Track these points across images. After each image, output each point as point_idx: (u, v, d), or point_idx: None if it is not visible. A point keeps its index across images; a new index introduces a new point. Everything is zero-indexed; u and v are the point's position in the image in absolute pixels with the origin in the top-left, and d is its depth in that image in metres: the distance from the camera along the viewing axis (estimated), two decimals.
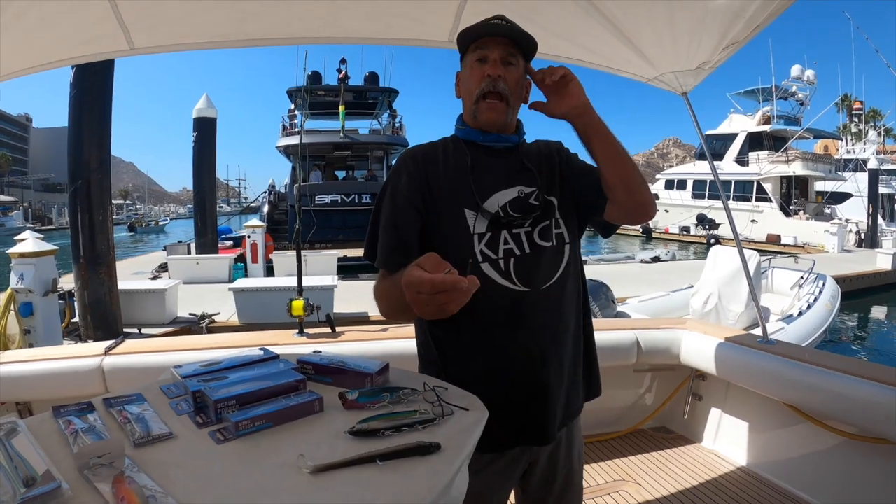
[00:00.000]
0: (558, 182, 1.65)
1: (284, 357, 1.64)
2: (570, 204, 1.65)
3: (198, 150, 15.81)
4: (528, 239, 1.57)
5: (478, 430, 1.19)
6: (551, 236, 1.59)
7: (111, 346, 3.19)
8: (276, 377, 1.37)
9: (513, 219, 1.55)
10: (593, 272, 13.51)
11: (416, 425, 1.13)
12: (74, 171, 7.75)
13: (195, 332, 8.54)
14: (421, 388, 1.32)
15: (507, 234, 1.55)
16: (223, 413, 1.23)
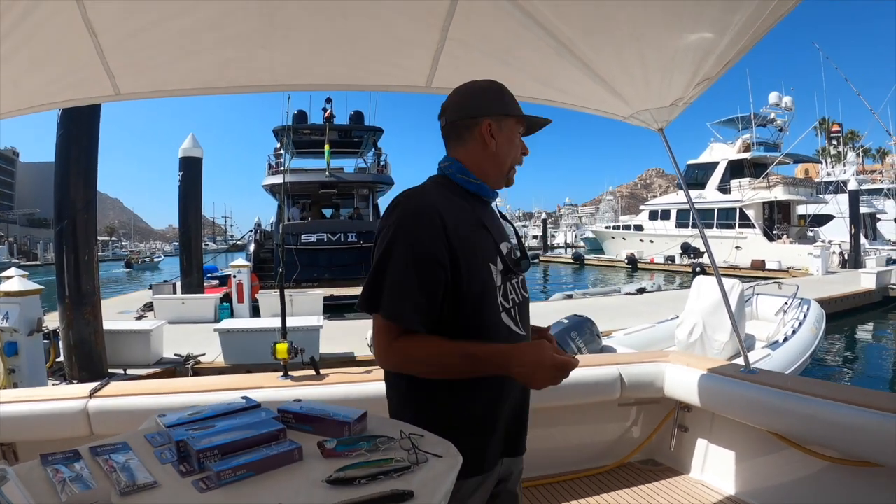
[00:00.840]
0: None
1: (268, 402, 1.67)
2: None
3: (183, 190, 15.74)
4: (522, 287, 1.74)
5: (452, 475, 1.23)
6: (527, 285, 1.79)
7: (96, 388, 3.18)
8: (257, 426, 1.40)
9: (516, 269, 1.70)
10: (579, 306, 13.53)
11: (392, 473, 1.17)
12: (60, 210, 7.72)
13: (180, 373, 8.49)
14: (397, 435, 1.36)
15: (509, 285, 1.67)
16: (206, 462, 1.25)
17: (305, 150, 27.46)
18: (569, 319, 5.91)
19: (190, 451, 1.29)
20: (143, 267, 59.91)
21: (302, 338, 7.95)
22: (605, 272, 35.66)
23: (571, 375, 2.17)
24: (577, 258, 41.71)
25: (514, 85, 1.75)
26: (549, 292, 25.60)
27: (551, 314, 11.80)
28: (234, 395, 3.16)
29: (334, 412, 1.50)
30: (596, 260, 40.27)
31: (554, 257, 47.30)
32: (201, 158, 15.98)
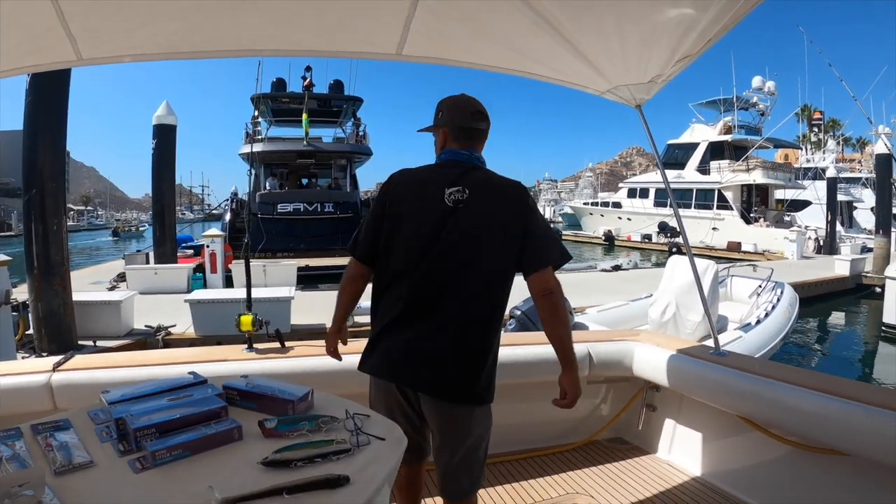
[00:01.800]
0: None
1: (229, 375, 1.64)
2: None
3: (157, 158, 15.33)
4: None
5: (394, 459, 1.19)
6: None
7: (60, 361, 3.12)
8: (199, 403, 1.35)
9: None
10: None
11: (330, 456, 1.12)
12: (29, 179, 7.56)
13: (151, 344, 8.39)
14: (342, 415, 1.32)
15: None
16: (142, 441, 1.21)
17: (284, 118, 27.05)
18: None
19: (128, 430, 1.25)
20: (130, 235, 60.38)
21: (272, 309, 7.87)
22: (581, 248, 35.68)
23: (538, 351, 3.07)
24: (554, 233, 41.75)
25: (489, 55, 1.69)
26: None
27: (524, 289, 11.84)
28: (199, 367, 3.10)
29: (280, 389, 1.45)
30: (573, 236, 40.20)
31: None
32: (175, 126, 15.57)
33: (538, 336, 4.01)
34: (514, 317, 5.74)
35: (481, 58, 3.05)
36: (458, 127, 2.24)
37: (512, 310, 5.78)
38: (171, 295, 12.04)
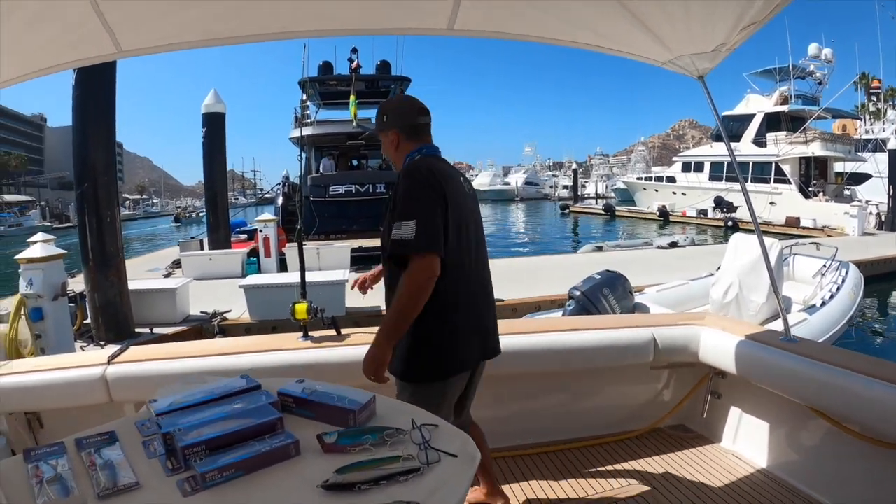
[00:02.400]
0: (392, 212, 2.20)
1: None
2: None
3: (208, 146, 15.55)
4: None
5: (466, 480, 1.07)
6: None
7: (115, 353, 3.14)
8: (253, 414, 1.26)
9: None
10: (609, 259, 13.26)
11: (398, 477, 1.01)
12: (81, 173, 7.63)
13: (207, 330, 8.49)
14: (408, 425, 1.20)
15: None
16: (192, 460, 1.11)
17: (332, 101, 26.77)
18: (601, 275, 5.67)
19: (176, 447, 1.16)
20: (190, 221, 61.53)
21: (326, 293, 7.94)
22: (635, 224, 35.05)
23: (599, 337, 3.16)
24: (608, 209, 40.81)
25: (544, 27, 1.55)
26: (579, 244, 25.22)
27: (582, 267, 11.61)
28: (254, 358, 3.10)
29: (340, 396, 1.35)
30: (627, 211, 39.33)
31: (584, 208, 46.38)
32: (224, 114, 15.76)
33: (597, 320, 3.86)
34: (573, 297, 5.53)
35: (535, 29, 2.90)
36: (410, 126, 2.40)
37: (571, 290, 5.60)
38: (226, 280, 12.10)
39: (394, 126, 2.40)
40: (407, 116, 2.40)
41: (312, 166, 23.79)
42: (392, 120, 2.41)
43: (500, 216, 53.18)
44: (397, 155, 2.41)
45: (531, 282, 10.29)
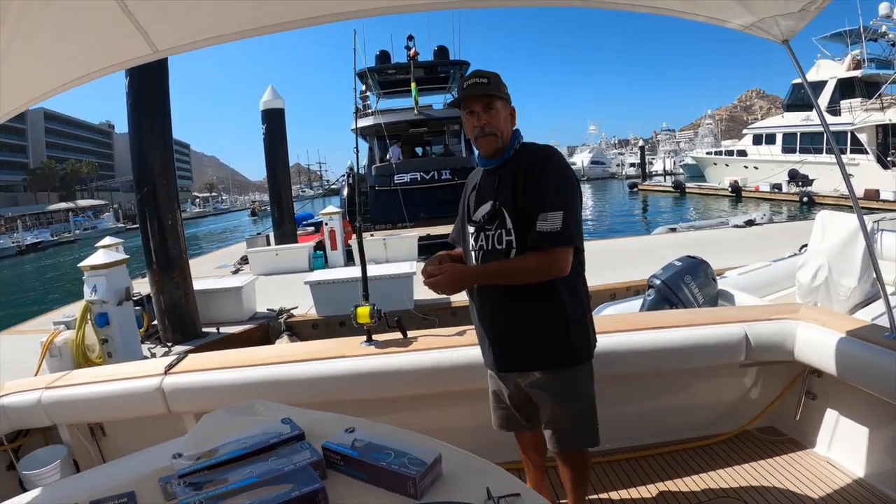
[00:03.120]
0: (523, 197, 2.16)
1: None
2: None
3: (269, 142, 15.67)
4: (492, 240, 2.22)
5: None
6: (502, 241, 2.19)
7: (172, 363, 3.15)
8: (292, 477, 1.05)
9: (487, 225, 2.23)
10: (684, 241, 12.71)
11: None
12: (140, 177, 7.63)
13: (273, 328, 8.44)
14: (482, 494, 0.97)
15: (483, 235, 2.25)
16: None
17: (392, 90, 26.82)
18: (681, 261, 5.29)
19: None
20: (266, 214, 62.27)
21: (394, 287, 7.83)
22: (707, 201, 33.88)
23: (683, 335, 2.92)
24: (678, 186, 39.46)
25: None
26: (650, 224, 24.49)
27: (656, 250, 11.27)
28: (313, 366, 3.03)
29: (398, 451, 1.12)
30: (697, 188, 37.98)
31: (653, 186, 45.17)
32: (283, 109, 15.83)
33: (682, 316, 3.54)
34: (653, 286, 5.18)
35: None
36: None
37: (650, 278, 5.25)
38: (293, 275, 12.05)
39: (510, 100, 2.31)
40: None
41: (377, 156, 23.73)
42: (508, 95, 2.30)
43: None
44: (509, 131, 2.29)
45: (604, 267, 9.80)
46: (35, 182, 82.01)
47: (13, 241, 48.11)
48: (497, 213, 2.19)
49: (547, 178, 2.12)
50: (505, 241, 2.18)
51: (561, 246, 2.09)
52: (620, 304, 6.00)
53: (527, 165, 2.17)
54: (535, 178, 2.13)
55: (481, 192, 2.31)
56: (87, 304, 6.68)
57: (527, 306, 2.20)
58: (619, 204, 41.88)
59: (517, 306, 2.21)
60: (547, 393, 2.27)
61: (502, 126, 2.23)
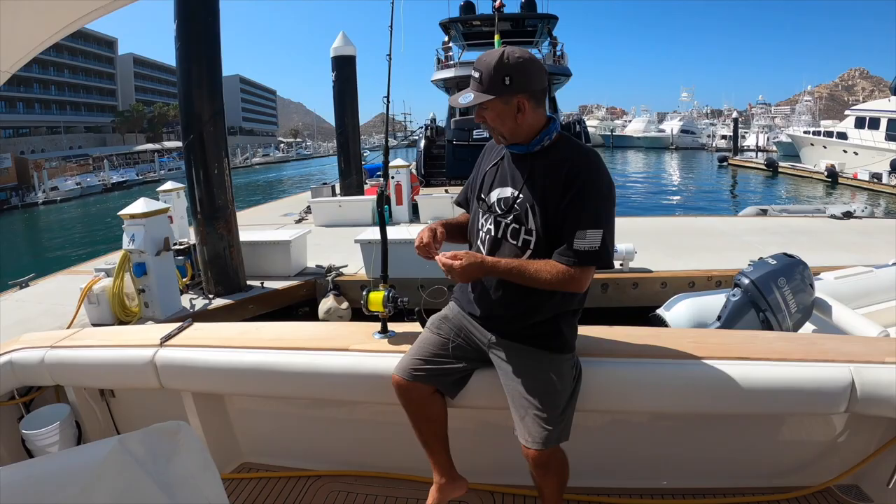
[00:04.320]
0: (557, 203, 1.99)
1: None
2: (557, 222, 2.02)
3: (338, 89, 15.31)
4: (505, 230, 2.12)
5: None
6: (518, 238, 2.10)
7: (169, 334, 2.89)
8: None
9: (500, 211, 2.13)
10: (774, 226, 11.48)
11: None
12: (187, 124, 7.38)
13: (320, 286, 8.14)
14: None
15: (494, 220, 2.16)
16: None
17: (475, 42, 25.96)
18: (776, 260, 4.46)
19: None
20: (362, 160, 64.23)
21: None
22: (799, 184, 31.82)
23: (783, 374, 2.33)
24: (770, 165, 37.25)
25: None
26: (739, 203, 23.04)
27: (742, 233, 10.32)
28: (314, 358, 2.61)
29: None
30: (791, 168, 35.64)
31: (744, 161, 42.75)
32: (354, 56, 15.44)
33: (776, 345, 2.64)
34: (740, 285, 4.42)
35: None
36: (541, 90, 2.08)
37: (738, 276, 4.48)
38: (356, 228, 11.52)
39: (522, 91, 2.00)
40: (537, 78, 2.03)
41: (456, 110, 23.08)
42: (520, 82, 1.99)
43: (653, 166, 50.84)
44: (518, 126, 2.05)
45: (682, 249, 9.02)
46: (123, 124, 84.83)
47: (100, 179, 49.83)
48: (517, 206, 2.08)
49: (590, 190, 1.97)
50: (522, 239, 2.09)
51: (592, 266, 1.99)
52: (699, 297, 5.21)
53: (570, 168, 1.99)
54: (578, 187, 1.97)
55: (503, 174, 2.17)
56: (126, 253, 6.56)
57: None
58: (705, 177, 40.10)
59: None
60: (529, 370, 2.17)
61: (503, 124, 2.06)
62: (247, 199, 29.83)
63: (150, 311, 6.69)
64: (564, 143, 2.09)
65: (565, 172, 1.97)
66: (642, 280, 7.69)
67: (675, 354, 2.42)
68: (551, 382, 2.13)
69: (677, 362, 2.38)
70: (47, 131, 73.27)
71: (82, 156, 63.00)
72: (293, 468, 2.97)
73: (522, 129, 2.06)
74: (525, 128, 2.05)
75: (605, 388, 2.34)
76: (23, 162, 46.96)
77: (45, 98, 74.02)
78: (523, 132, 2.06)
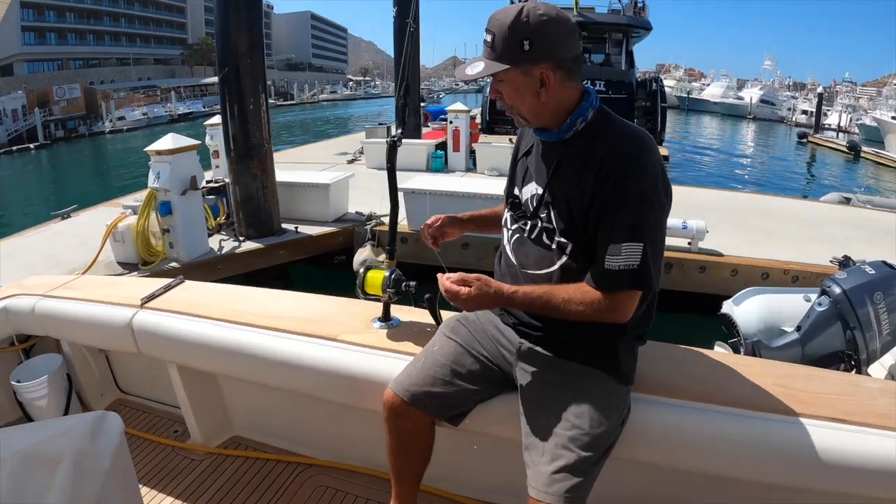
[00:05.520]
0: (580, 203, 1.56)
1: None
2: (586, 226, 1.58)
3: (398, 27, 14.42)
4: (538, 230, 1.68)
5: None
6: (552, 239, 1.65)
7: (152, 294, 2.63)
8: None
9: (528, 211, 1.72)
10: (861, 219, 9.83)
11: None
12: (223, 56, 6.94)
13: (358, 234, 7.72)
14: None
15: (523, 219, 1.74)
16: None
17: None
18: (874, 269, 3.69)
19: None
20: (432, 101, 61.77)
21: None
22: (881, 172, 29.22)
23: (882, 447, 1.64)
24: (853, 148, 34.31)
25: None
26: (817, 188, 21.46)
27: (822, 223, 8.96)
28: (300, 347, 2.21)
29: None
30: (874, 155, 32.53)
31: (824, 140, 39.61)
32: None
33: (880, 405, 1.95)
34: (828, 293, 3.71)
35: None
36: (573, 58, 1.56)
37: (827, 282, 3.78)
38: (409, 173, 11.03)
39: (546, 59, 1.53)
40: (566, 43, 1.54)
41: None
42: (543, 48, 1.51)
43: (728, 134, 48.67)
44: (542, 105, 1.58)
45: (755, 230, 8.07)
46: (192, 57, 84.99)
47: (166, 110, 50.67)
48: (543, 208, 1.67)
49: (629, 191, 1.49)
50: (556, 242, 1.64)
51: (633, 290, 1.53)
52: (773, 294, 4.46)
53: (604, 159, 1.52)
54: (613, 185, 1.50)
55: (538, 165, 1.71)
56: (152, 191, 6.25)
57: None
58: (782, 152, 37.96)
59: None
60: (565, 394, 1.64)
61: (523, 102, 1.60)
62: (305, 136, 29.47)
63: (175, 252, 6.40)
64: (603, 123, 1.60)
65: (598, 165, 1.51)
66: (711, 264, 6.88)
67: (753, 403, 1.79)
68: (596, 416, 1.59)
69: (756, 416, 1.76)
70: (117, 63, 74.03)
71: (150, 87, 64.15)
72: (284, 450, 2.69)
73: (548, 109, 1.60)
74: (551, 107, 1.59)
75: (656, 436, 1.79)
76: (91, 92, 48.14)
77: (114, 31, 74.67)
78: (549, 112, 1.60)
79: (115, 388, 3.19)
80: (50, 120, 40.61)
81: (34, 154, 34.04)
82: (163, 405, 3.07)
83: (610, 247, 1.51)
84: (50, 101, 42.62)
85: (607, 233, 1.52)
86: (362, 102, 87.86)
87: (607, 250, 1.51)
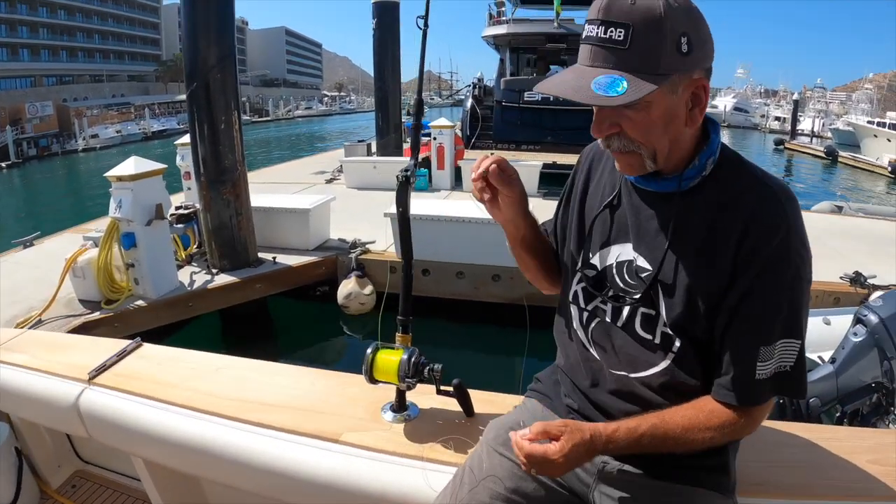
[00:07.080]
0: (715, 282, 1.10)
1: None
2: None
3: (378, 39, 14.15)
4: (632, 316, 1.22)
5: None
6: (653, 332, 1.19)
7: (102, 366, 2.12)
8: None
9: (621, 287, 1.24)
10: (858, 231, 9.42)
11: None
12: (191, 70, 6.31)
13: (342, 264, 7.15)
14: None
15: (607, 298, 1.26)
16: None
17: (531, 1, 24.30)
18: None
19: None
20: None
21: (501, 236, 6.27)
22: (859, 176, 29.63)
23: None
24: (830, 153, 34.76)
25: None
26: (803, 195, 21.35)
27: (820, 237, 8.22)
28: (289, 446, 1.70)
29: None
30: (851, 159, 33.17)
31: (801, 146, 40.42)
32: (398, 4, 14.26)
33: None
34: (864, 321, 3.36)
35: None
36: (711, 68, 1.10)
37: (861, 310, 3.42)
38: (390, 193, 10.64)
39: (703, 63, 1.06)
40: (711, 46, 1.08)
41: (507, 69, 21.64)
42: (701, 47, 1.04)
43: None
44: (679, 137, 1.11)
45: None
46: (166, 73, 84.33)
47: (140, 127, 49.94)
48: (653, 286, 1.17)
49: (785, 271, 1.05)
50: (660, 333, 1.18)
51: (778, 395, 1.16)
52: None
53: (749, 230, 1.06)
54: (765, 267, 1.05)
55: (639, 225, 1.21)
56: (114, 221, 5.60)
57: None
58: (760, 159, 38.03)
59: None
60: None
61: (664, 134, 1.08)
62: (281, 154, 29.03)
63: (141, 289, 5.78)
64: (733, 166, 1.15)
65: (740, 233, 1.07)
66: None
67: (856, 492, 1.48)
68: None
69: None
70: (90, 80, 73.41)
71: (124, 104, 63.48)
72: None
73: (685, 143, 1.14)
74: (690, 139, 1.14)
75: None
76: (64, 109, 47.57)
77: (88, 47, 73.97)
78: (685, 148, 1.14)
79: (74, 458, 2.76)
80: (22, 138, 39.97)
81: (6, 173, 33.36)
82: (131, 479, 2.59)
83: (761, 350, 1.09)
84: (22, 118, 42.15)
85: (754, 330, 1.09)
86: (338, 118, 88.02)
87: (758, 355, 1.09)
